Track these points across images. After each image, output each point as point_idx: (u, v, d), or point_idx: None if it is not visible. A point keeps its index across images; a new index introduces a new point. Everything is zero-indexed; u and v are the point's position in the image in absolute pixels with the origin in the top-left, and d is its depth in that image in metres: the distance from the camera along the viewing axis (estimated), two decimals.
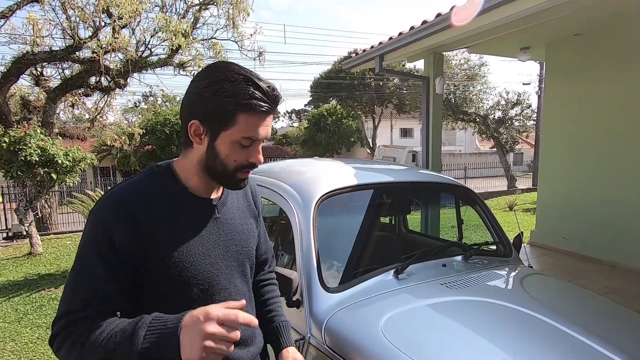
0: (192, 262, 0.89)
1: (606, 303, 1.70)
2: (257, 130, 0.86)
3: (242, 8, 6.76)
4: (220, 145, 0.86)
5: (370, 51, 5.07)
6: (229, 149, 0.86)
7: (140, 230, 0.83)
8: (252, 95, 0.83)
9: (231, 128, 0.84)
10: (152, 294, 0.87)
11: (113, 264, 0.82)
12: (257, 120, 0.85)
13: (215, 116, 0.84)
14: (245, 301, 0.97)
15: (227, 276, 0.96)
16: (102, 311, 0.82)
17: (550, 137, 5.57)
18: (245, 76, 0.84)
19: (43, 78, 7.82)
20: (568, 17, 3.92)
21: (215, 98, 0.83)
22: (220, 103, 0.83)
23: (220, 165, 0.88)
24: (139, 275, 0.85)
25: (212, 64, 0.88)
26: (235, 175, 0.90)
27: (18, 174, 5.65)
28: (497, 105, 15.08)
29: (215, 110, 0.83)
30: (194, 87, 0.86)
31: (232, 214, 1.00)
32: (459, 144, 31.83)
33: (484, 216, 2.13)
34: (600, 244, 4.76)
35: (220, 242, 0.95)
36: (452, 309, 1.44)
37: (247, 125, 0.84)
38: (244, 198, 1.07)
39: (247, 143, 0.87)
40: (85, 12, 5.96)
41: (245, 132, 0.85)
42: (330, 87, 23.25)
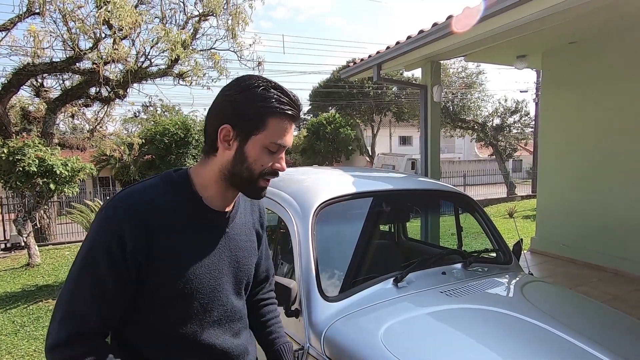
0: (197, 275, 0.88)
1: (607, 310, 1.68)
2: (284, 136, 0.89)
3: (242, 19, 6.83)
4: (250, 149, 0.88)
5: (368, 60, 5.11)
6: (258, 153, 0.88)
7: (152, 236, 0.83)
8: (281, 101, 0.87)
9: (262, 132, 0.87)
10: (151, 301, 0.86)
11: (121, 269, 0.82)
12: (285, 126, 0.89)
13: (247, 120, 0.87)
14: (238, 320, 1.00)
15: (226, 292, 0.95)
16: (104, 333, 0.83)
17: (548, 144, 5.59)
18: (274, 84, 0.89)
19: (43, 89, 7.87)
20: (563, 26, 3.97)
21: (248, 102, 0.86)
22: (252, 107, 0.86)
23: (246, 170, 0.89)
24: (141, 283, 0.84)
25: (241, 76, 0.92)
26: (258, 181, 0.91)
27: (17, 185, 5.64)
28: (495, 113, 15.17)
29: (248, 114, 0.86)
30: (225, 94, 0.89)
31: (239, 230, 1.00)
32: (458, 151, 31.91)
33: (483, 223, 2.13)
34: (602, 250, 4.74)
35: (225, 258, 0.95)
36: (452, 317, 1.43)
37: (277, 130, 0.88)
38: (251, 214, 1.07)
39: (274, 149, 0.89)
40: (85, 24, 6.02)
41: (274, 137, 0.88)
42: (329, 95, 23.40)
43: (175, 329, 0.88)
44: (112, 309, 0.83)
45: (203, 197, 0.92)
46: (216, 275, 0.92)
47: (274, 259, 1.96)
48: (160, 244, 0.84)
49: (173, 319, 0.88)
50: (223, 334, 0.95)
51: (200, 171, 0.93)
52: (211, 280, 0.91)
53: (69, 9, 5.81)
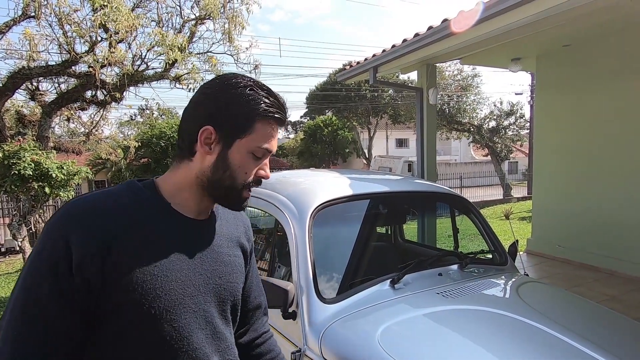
0: (167, 291, 0.72)
1: (603, 311, 1.70)
2: (271, 141, 0.82)
3: (238, 22, 6.85)
4: (234, 154, 0.79)
5: (364, 63, 5.14)
6: (242, 159, 0.80)
7: (106, 247, 0.69)
8: (269, 103, 0.80)
9: (248, 136, 0.79)
10: (108, 332, 0.70)
11: (71, 293, 0.66)
12: (271, 131, 0.81)
13: (232, 121, 0.78)
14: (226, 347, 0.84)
15: (205, 313, 0.79)
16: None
17: (543, 146, 5.63)
18: (260, 84, 0.82)
19: (39, 92, 7.83)
20: (557, 29, 4.01)
21: (234, 102, 0.78)
22: (238, 108, 0.78)
23: (229, 177, 0.80)
24: (96, 308, 0.68)
25: (224, 74, 0.84)
26: (241, 191, 0.82)
27: (12, 188, 5.60)
28: (490, 115, 15.28)
29: (233, 115, 0.78)
30: (206, 92, 0.79)
31: (220, 242, 0.86)
32: (454, 153, 32.05)
33: (479, 225, 2.14)
34: (598, 251, 4.78)
35: (202, 271, 0.79)
36: (449, 318, 1.44)
37: (264, 135, 0.80)
38: (235, 228, 0.93)
39: (260, 154, 0.81)
40: (81, 28, 6.01)
41: (260, 141, 0.80)
42: (326, 98, 23.47)
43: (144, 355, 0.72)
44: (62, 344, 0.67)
45: (172, 202, 0.79)
46: (191, 292, 0.76)
47: (270, 261, 1.96)
48: (118, 257, 0.69)
49: (140, 351, 0.72)
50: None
51: (171, 178, 0.82)
52: (186, 298, 0.75)
53: (64, 13, 5.80)
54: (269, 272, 1.89)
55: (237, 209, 0.86)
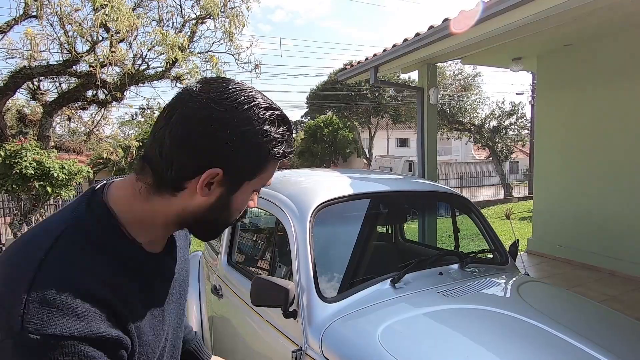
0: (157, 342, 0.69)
1: (604, 310, 1.70)
2: (272, 175, 0.72)
3: (238, 21, 6.86)
4: (240, 196, 0.68)
5: (365, 63, 5.14)
6: (245, 199, 0.70)
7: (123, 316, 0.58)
8: (286, 143, 0.68)
9: (259, 176, 0.68)
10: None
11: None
12: (277, 165, 0.71)
13: (246, 165, 0.65)
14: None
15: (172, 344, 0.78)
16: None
17: (544, 146, 5.63)
18: (276, 114, 0.66)
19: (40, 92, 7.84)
20: (558, 28, 4.01)
21: (251, 143, 0.63)
22: (256, 150, 0.64)
23: (224, 216, 0.70)
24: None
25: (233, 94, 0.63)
26: (227, 225, 0.74)
27: (13, 188, 5.62)
28: (491, 115, 15.27)
29: (248, 158, 0.64)
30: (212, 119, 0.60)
31: (181, 266, 0.80)
32: (454, 153, 32.03)
33: (480, 224, 2.14)
34: (599, 251, 4.77)
35: (176, 301, 0.77)
36: (449, 317, 1.44)
37: (272, 173, 0.70)
38: (186, 248, 0.88)
39: (259, 189, 0.72)
40: (82, 27, 6.02)
41: (267, 179, 0.71)
42: (326, 98, 23.48)
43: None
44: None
45: (142, 243, 0.65)
46: (166, 330, 0.72)
47: (271, 260, 1.96)
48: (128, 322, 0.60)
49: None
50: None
51: (135, 208, 0.64)
52: (161, 337, 0.71)
53: (66, 12, 5.81)
54: (270, 271, 1.89)
55: (210, 239, 0.78)
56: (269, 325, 1.67)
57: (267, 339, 1.69)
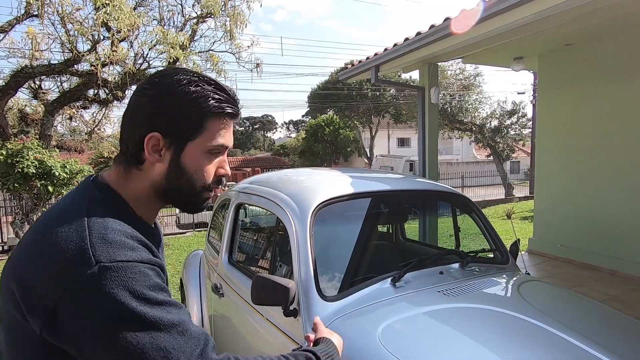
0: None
1: (604, 310, 1.70)
2: (226, 137, 0.78)
3: (240, 20, 6.86)
4: (187, 158, 0.75)
5: (366, 62, 5.13)
6: (197, 161, 0.76)
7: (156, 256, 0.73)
8: (219, 98, 0.75)
9: (199, 136, 0.74)
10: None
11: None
12: (225, 126, 0.78)
13: (181, 124, 0.73)
14: None
15: None
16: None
17: (545, 146, 5.62)
18: (206, 78, 0.76)
19: (41, 91, 7.86)
20: (559, 28, 4.00)
21: (180, 104, 0.72)
22: (186, 108, 0.72)
23: (186, 183, 0.76)
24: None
25: (163, 71, 0.78)
26: (201, 194, 0.79)
27: (15, 187, 5.63)
28: (493, 114, 15.25)
29: (181, 116, 0.73)
30: (146, 94, 0.73)
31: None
32: (456, 152, 32.01)
33: (480, 224, 2.14)
34: (600, 251, 4.77)
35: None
36: (450, 316, 1.44)
37: (217, 132, 0.76)
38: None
39: (215, 152, 0.78)
40: (84, 26, 6.03)
41: (215, 139, 0.76)
42: (327, 97, 23.47)
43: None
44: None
45: (139, 214, 0.77)
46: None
47: (272, 259, 1.97)
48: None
49: None
50: None
51: (127, 187, 0.76)
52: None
53: (67, 12, 5.82)
54: (271, 270, 1.89)
55: (197, 211, 0.83)
56: (269, 324, 1.67)
57: (267, 337, 1.69)
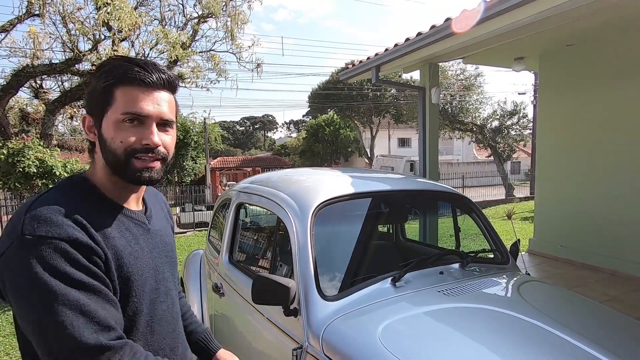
0: (140, 275, 0.84)
1: (604, 310, 1.70)
2: (138, 104, 0.80)
3: (240, 20, 6.86)
4: (105, 130, 0.81)
5: (367, 62, 5.13)
6: (112, 130, 0.80)
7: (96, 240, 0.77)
8: (128, 68, 0.80)
9: (111, 107, 0.80)
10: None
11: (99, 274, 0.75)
12: (137, 94, 0.80)
13: (96, 100, 0.81)
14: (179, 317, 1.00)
15: (166, 289, 0.93)
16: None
17: (546, 146, 5.62)
18: (123, 57, 0.84)
19: (42, 90, 7.87)
20: (560, 28, 4.00)
21: (95, 83, 0.81)
22: (98, 84, 0.80)
23: (110, 153, 0.81)
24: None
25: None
26: (129, 162, 0.81)
27: (16, 186, 5.64)
28: (493, 115, 15.23)
29: (95, 93, 0.81)
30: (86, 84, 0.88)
31: (159, 226, 0.97)
32: (456, 153, 31.98)
33: (481, 224, 2.14)
34: (600, 251, 4.76)
35: (156, 255, 0.91)
36: (450, 316, 1.44)
37: (127, 101, 0.79)
38: (160, 210, 1.04)
39: (128, 118, 0.80)
40: (85, 26, 6.04)
41: (124, 107, 0.79)
42: (328, 97, 23.45)
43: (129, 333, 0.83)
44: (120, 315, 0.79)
45: (112, 198, 0.86)
46: (154, 274, 0.88)
47: (273, 258, 1.97)
48: (106, 250, 0.78)
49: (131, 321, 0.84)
50: (170, 331, 0.93)
51: (95, 172, 0.87)
52: (151, 278, 0.87)
53: (68, 11, 5.83)
54: (271, 270, 1.90)
55: (137, 182, 0.85)
56: (270, 324, 1.67)
57: (268, 337, 1.69)
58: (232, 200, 2.38)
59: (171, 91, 0.87)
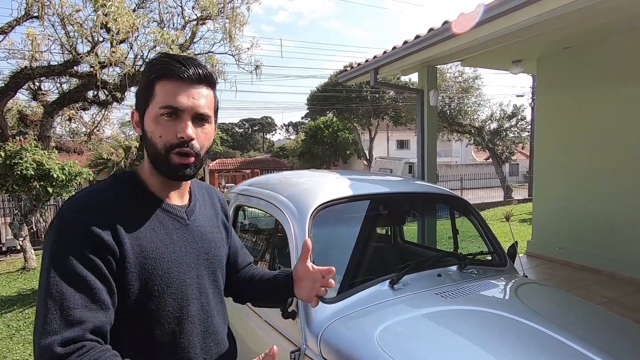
0: (165, 270, 0.84)
1: (601, 312, 1.70)
2: (176, 98, 0.82)
3: (239, 21, 6.87)
4: (147, 124, 0.84)
5: (365, 65, 5.15)
6: (153, 124, 0.83)
7: (117, 234, 0.79)
8: (167, 63, 0.83)
9: (152, 102, 0.83)
10: (122, 305, 0.81)
11: (103, 271, 0.76)
12: (175, 88, 0.82)
13: (140, 95, 0.85)
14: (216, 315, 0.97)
15: (199, 286, 0.92)
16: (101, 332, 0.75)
17: (544, 148, 5.63)
18: (165, 54, 0.86)
19: (40, 92, 7.86)
20: (558, 31, 4.02)
21: (141, 78, 0.86)
22: (142, 80, 0.86)
23: (152, 147, 0.83)
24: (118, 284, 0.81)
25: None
26: (168, 158, 0.83)
27: (13, 188, 5.62)
28: (492, 117, 15.28)
29: (139, 88, 0.86)
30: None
31: (202, 222, 0.97)
32: (455, 155, 32.04)
33: (479, 226, 2.15)
34: (598, 253, 4.77)
35: (191, 250, 0.91)
36: (447, 319, 1.44)
37: (165, 94, 0.82)
38: (211, 206, 1.04)
39: (167, 112, 0.82)
40: (83, 28, 6.04)
41: (162, 101, 0.82)
42: (327, 99, 23.47)
43: (153, 330, 0.83)
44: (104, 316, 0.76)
45: (155, 192, 0.89)
46: (184, 269, 0.87)
47: (271, 261, 1.97)
48: (125, 241, 0.79)
49: (151, 320, 0.83)
50: (202, 330, 0.91)
51: (142, 167, 0.91)
52: (180, 275, 0.86)
53: (67, 13, 5.83)
54: None
55: (173, 177, 0.87)
56: (267, 326, 1.67)
57: (265, 339, 1.69)
58: (230, 202, 2.38)
59: (209, 86, 0.88)
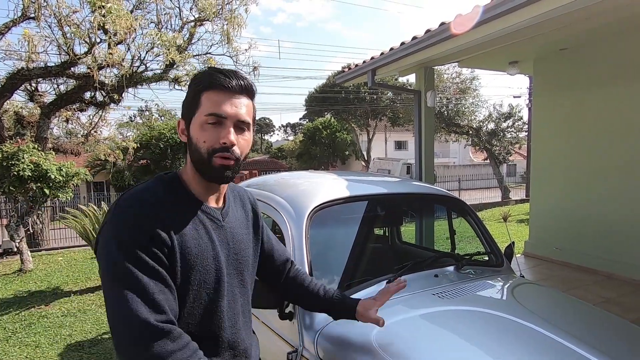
0: (204, 266, 0.92)
1: (597, 312, 1.71)
2: (220, 106, 0.90)
3: (237, 23, 6.88)
4: (193, 131, 0.92)
5: (363, 66, 5.16)
6: (198, 131, 0.90)
7: (169, 230, 0.87)
8: (213, 76, 0.91)
9: (198, 111, 0.91)
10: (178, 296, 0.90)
11: (163, 260, 0.85)
12: (219, 98, 0.90)
13: (187, 105, 0.93)
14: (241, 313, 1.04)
15: (228, 284, 0.98)
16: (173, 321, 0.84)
17: (541, 149, 5.65)
18: (212, 68, 0.96)
19: (37, 93, 7.83)
20: (554, 32, 4.04)
21: (188, 91, 0.95)
22: (189, 92, 0.93)
23: (196, 152, 0.91)
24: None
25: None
26: (211, 161, 0.90)
27: (10, 189, 5.60)
28: (489, 118, 15.33)
29: (187, 99, 0.94)
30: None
31: (234, 224, 1.04)
32: (452, 156, 32.12)
33: (476, 227, 2.15)
34: (596, 254, 4.79)
35: (223, 250, 0.98)
36: (444, 319, 1.44)
37: (210, 103, 0.90)
38: (242, 208, 1.11)
39: (212, 120, 0.90)
40: (81, 29, 6.03)
41: (208, 109, 0.90)
42: (325, 100, 23.50)
43: (188, 323, 0.91)
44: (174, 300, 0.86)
45: (195, 193, 0.96)
46: (219, 267, 0.95)
47: None
48: (174, 237, 0.88)
49: (188, 312, 0.91)
50: (230, 326, 0.99)
51: (184, 170, 0.98)
52: (215, 272, 0.94)
53: (64, 14, 5.82)
54: None
55: (219, 180, 0.95)
56: (265, 327, 1.67)
57: (263, 340, 1.68)
58: None
59: (249, 96, 0.97)
